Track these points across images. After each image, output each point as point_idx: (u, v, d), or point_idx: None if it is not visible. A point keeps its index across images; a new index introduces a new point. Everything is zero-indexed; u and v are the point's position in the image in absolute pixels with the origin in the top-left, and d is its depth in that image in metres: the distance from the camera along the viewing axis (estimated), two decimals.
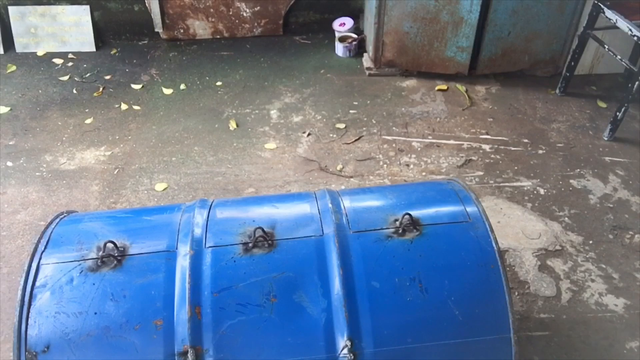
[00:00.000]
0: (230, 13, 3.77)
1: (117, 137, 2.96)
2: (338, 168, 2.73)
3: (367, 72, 3.47)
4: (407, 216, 1.21)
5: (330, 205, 1.29)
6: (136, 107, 3.20)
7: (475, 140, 2.91)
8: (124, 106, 3.21)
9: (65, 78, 3.46)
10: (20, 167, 2.74)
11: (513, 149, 2.84)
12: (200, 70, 3.54)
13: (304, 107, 3.18)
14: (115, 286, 1.15)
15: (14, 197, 2.55)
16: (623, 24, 2.70)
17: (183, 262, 1.17)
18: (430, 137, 2.93)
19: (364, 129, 3.00)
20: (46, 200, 2.55)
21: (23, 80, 3.43)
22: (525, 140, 2.90)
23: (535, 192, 2.56)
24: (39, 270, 1.17)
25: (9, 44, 3.69)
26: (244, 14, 3.78)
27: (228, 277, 1.16)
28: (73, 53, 3.70)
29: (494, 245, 1.20)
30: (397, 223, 1.23)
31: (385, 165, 2.74)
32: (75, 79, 3.46)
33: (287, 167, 2.74)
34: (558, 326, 1.98)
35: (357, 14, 3.84)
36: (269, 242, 1.20)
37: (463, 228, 1.24)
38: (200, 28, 3.81)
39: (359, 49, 3.68)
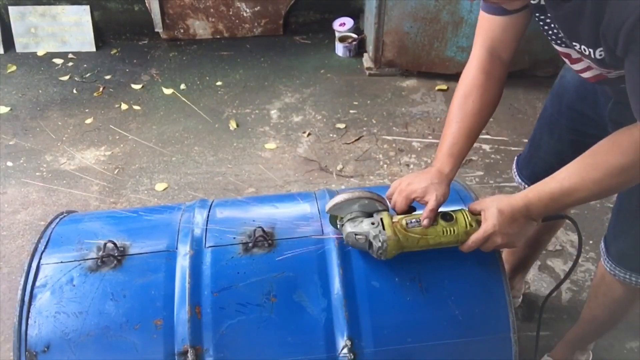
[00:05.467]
0: (230, 13, 3.77)
1: (117, 137, 2.96)
2: (338, 168, 2.73)
3: (367, 72, 3.47)
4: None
5: None
6: (136, 107, 3.21)
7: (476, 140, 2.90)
8: (124, 106, 3.21)
9: (66, 78, 3.46)
10: (20, 167, 2.74)
11: (513, 149, 2.84)
12: (200, 70, 3.54)
13: (304, 107, 3.19)
14: (115, 286, 1.14)
15: (14, 197, 2.55)
16: None
17: (183, 262, 1.17)
18: (430, 137, 2.93)
19: (364, 129, 3.00)
20: (46, 200, 2.55)
21: (23, 80, 3.43)
22: (526, 140, 2.89)
23: None
24: (39, 270, 1.17)
25: (9, 43, 3.69)
26: (244, 14, 3.78)
27: (228, 277, 1.16)
28: (73, 53, 3.70)
29: None
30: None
31: (385, 165, 2.74)
32: (76, 79, 3.46)
33: (287, 167, 2.74)
34: (558, 326, 1.98)
35: (357, 14, 3.84)
36: (269, 241, 1.20)
37: None
38: (201, 28, 3.82)
39: (359, 49, 3.68)
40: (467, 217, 1.12)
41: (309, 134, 2.96)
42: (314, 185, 2.62)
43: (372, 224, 1.10)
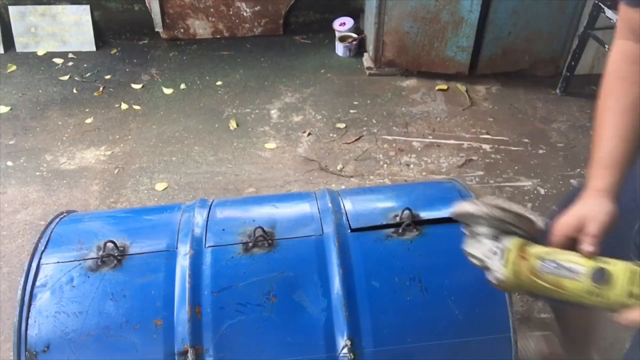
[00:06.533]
0: (231, 13, 3.77)
1: (117, 137, 2.96)
2: (338, 168, 2.72)
3: (367, 72, 3.47)
4: (406, 211, 1.21)
5: (330, 205, 1.28)
6: (136, 107, 3.20)
7: (476, 140, 2.91)
8: (124, 106, 3.21)
9: (66, 78, 3.46)
10: (20, 167, 2.74)
11: (513, 148, 2.84)
12: (200, 70, 3.54)
13: (304, 107, 3.18)
14: (115, 286, 1.14)
15: (14, 197, 2.55)
16: None
17: (183, 262, 1.17)
18: (430, 137, 2.92)
19: (364, 128, 3.00)
20: (46, 200, 2.55)
21: (23, 80, 3.43)
22: (526, 140, 2.90)
23: (535, 192, 2.56)
24: (39, 270, 1.17)
25: (9, 43, 3.69)
26: (244, 14, 3.78)
27: (228, 277, 1.16)
28: (73, 53, 3.70)
29: None
30: (397, 219, 1.23)
31: (385, 165, 2.73)
32: (76, 78, 3.46)
33: (287, 167, 2.73)
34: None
35: (357, 14, 3.84)
36: (269, 241, 1.20)
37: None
38: (201, 28, 3.81)
39: (359, 48, 3.68)
40: (635, 280, 0.78)
41: (309, 134, 2.96)
42: (314, 185, 2.62)
43: (495, 253, 0.86)
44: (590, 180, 0.97)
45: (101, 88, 3.37)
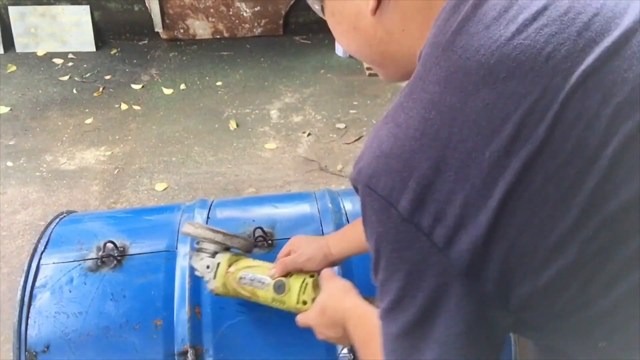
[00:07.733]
0: (230, 13, 3.78)
1: (117, 137, 2.96)
2: (338, 168, 2.73)
3: (367, 72, 3.47)
4: None
5: (330, 205, 1.28)
6: (136, 107, 3.20)
7: None
8: (124, 106, 3.21)
9: (65, 78, 3.46)
10: (20, 167, 2.74)
11: None
12: (200, 70, 3.54)
13: (304, 107, 3.19)
14: (115, 286, 1.14)
15: (14, 197, 2.55)
16: None
17: (183, 262, 1.17)
18: None
19: (364, 129, 3.00)
20: (46, 200, 2.55)
21: (23, 80, 3.43)
22: None
23: None
24: (38, 270, 1.17)
25: (9, 44, 3.69)
26: (244, 14, 3.79)
27: None
28: (73, 53, 3.70)
29: None
30: None
31: None
32: (75, 79, 3.46)
33: (287, 167, 2.74)
34: None
35: None
36: (269, 241, 1.20)
37: None
38: (200, 28, 3.82)
39: None
40: (305, 290, 0.98)
41: (309, 134, 2.96)
42: (314, 185, 2.62)
43: (208, 267, 1.03)
44: (331, 237, 1.07)
45: (101, 88, 3.37)
